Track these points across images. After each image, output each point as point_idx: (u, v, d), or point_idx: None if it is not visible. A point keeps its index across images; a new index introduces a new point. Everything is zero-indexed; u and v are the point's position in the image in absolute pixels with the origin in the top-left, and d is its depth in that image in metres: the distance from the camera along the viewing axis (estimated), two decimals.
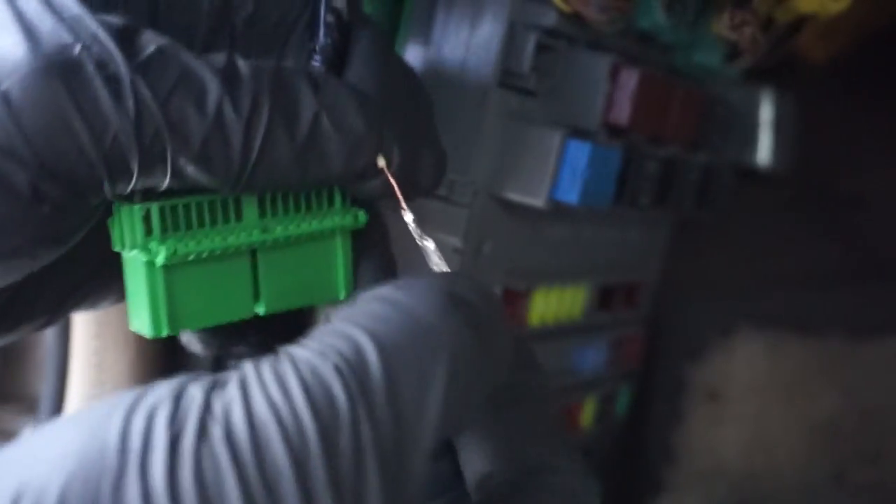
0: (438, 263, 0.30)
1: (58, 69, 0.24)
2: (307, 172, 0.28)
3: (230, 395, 0.22)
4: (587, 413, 0.53)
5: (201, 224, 0.29)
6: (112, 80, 0.24)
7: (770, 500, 0.59)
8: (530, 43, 0.39)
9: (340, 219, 0.31)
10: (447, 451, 0.29)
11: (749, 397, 0.59)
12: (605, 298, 0.51)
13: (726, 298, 0.61)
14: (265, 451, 0.21)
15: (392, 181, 0.29)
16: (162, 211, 0.28)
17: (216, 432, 0.21)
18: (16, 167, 0.24)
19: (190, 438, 0.21)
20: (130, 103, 0.24)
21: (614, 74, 0.42)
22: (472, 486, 0.28)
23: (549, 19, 0.39)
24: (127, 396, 0.22)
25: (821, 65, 0.54)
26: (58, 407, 0.45)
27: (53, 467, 0.20)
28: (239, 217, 0.30)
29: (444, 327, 0.24)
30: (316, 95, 0.27)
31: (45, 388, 0.45)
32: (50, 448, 0.21)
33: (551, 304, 0.46)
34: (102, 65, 0.24)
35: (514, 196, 0.40)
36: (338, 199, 0.31)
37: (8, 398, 0.50)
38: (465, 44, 0.39)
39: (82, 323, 0.45)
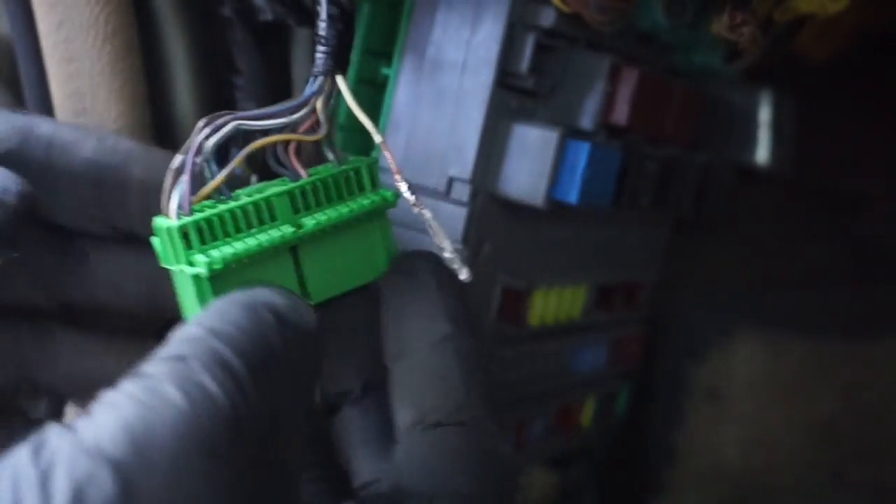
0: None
1: None
2: None
3: None
4: (587, 413, 0.53)
5: (238, 230, 0.31)
6: None
7: (770, 499, 0.59)
8: (530, 43, 0.39)
9: (370, 202, 0.33)
10: None
11: (749, 397, 0.59)
12: (604, 298, 0.51)
13: (726, 298, 0.61)
14: None
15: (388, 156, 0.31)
16: (198, 224, 0.30)
17: None
18: None
19: None
20: None
21: (614, 74, 0.42)
22: None
23: (549, 19, 0.39)
24: None
25: (820, 65, 0.54)
26: None
27: None
28: (273, 217, 0.31)
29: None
30: None
31: None
32: None
33: (551, 304, 0.46)
34: None
35: (514, 196, 0.40)
36: (366, 182, 0.33)
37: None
38: (465, 44, 0.39)
39: None
